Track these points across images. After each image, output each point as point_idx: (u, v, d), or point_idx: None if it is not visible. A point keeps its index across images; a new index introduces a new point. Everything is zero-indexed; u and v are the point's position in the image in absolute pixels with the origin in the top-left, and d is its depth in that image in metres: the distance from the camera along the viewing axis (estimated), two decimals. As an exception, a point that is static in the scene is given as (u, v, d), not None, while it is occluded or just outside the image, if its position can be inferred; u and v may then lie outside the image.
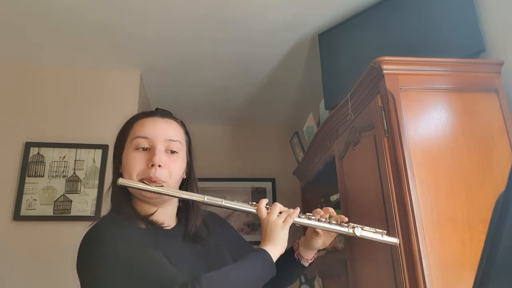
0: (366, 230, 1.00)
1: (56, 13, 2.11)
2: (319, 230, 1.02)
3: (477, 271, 0.47)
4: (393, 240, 1.02)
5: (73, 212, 2.28)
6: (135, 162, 0.91)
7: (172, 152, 0.94)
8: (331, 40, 2.20)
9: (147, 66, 2.64)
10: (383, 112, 1.40)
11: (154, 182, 0.89)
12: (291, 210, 0.96)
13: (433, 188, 1.28)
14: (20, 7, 2.06)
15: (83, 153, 2.42)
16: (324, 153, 2.11)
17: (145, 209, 0.94)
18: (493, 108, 1.42)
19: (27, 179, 2.32)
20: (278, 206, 0.95)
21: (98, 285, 0.80)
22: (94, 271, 0.79)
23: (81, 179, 2.37)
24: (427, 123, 1.37)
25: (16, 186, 2.30)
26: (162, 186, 0.90)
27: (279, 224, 0.91)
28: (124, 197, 0.93)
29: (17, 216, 2.24)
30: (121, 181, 0.89)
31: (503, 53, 1.54)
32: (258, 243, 1.18)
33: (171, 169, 0.93)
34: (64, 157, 2.40)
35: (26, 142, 2.39)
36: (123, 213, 0.90)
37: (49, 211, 2.28)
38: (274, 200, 3.43)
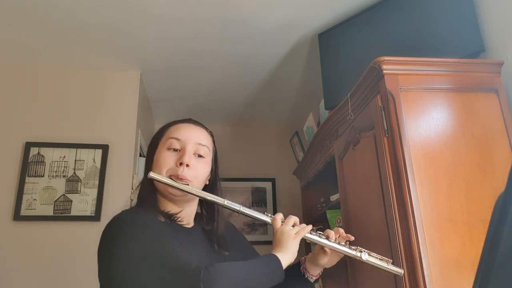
0: (372, 256, 1.02)
1: (56, 13, 2.11)
2: (326, 249, 1.04)
3: (477, 271, 0.47)
4: (398, 270, 1.03)
5: (73, 212, 2.28)
6: (166, 159, 0.99)
7: (200, 156, 1.02)
8: (331, 40, 2.20)
9: (147, 66, 2.64)
10: (383, 112, 1.40)
11: (181, 179, 0.96)
12: (304, 225, 1.00)
13: (433, 188, 1.28)
14: (21, 7, 2.06)
15: (83, 153, 2.42)
16: (324, 153, 2.11)
17: (168, 207, 1.00)
18: (493, 108, 1.42)
19: (27, 179, 2.32)
20: (293, 219, 0.99)
21: (117, 269, 0.85)
22: (115, 255, 0.86)
23: (81, 179, 2.37)
24: (427, 123, 1.37)
25: (16, 186, 2.30)
26: (188, 185, 0.97)
27: (291, 235, 0.95)
28: (150, 193, 1.00)
29: (17, 216, 2.24)
30: (151, 174, 0.96)
31: (503, 53, 1.54)
32: (258, 242, 1.18)
33: (197, 171, 1.00)
34: (64, 157, 2.40)
35: (26, 142, 2.39)
36: (147, 206, 0.97)
37: (49, 211, 2.28)
38: (274, 200, 3.43)
